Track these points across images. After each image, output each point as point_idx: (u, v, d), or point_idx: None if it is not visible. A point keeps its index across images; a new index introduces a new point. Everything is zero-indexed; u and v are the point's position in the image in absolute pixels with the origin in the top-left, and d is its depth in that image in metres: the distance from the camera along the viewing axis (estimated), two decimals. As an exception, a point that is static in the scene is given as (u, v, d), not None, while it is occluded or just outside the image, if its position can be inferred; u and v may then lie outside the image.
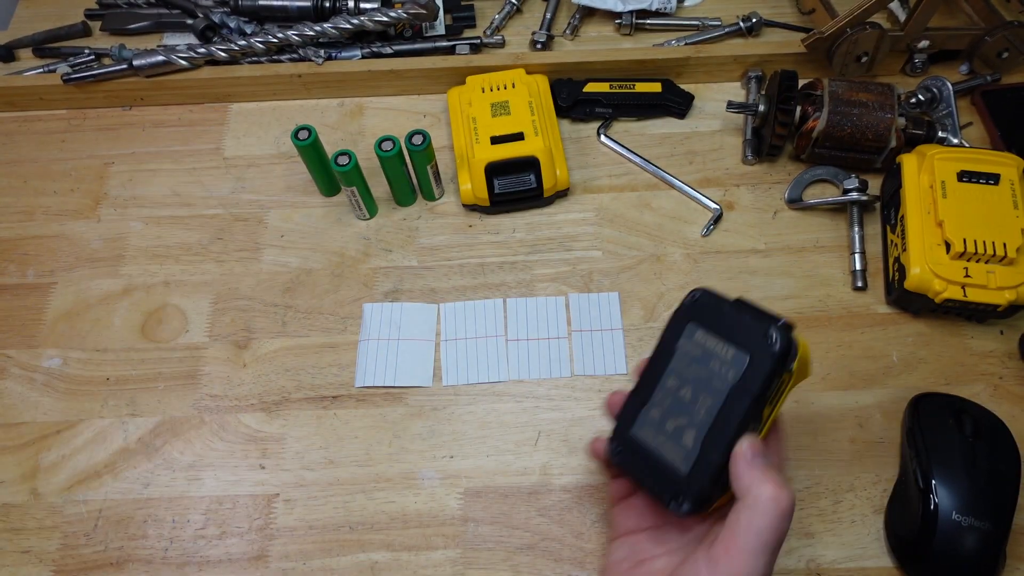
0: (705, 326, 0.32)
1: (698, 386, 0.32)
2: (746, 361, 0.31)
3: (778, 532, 0.29)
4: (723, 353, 0.31)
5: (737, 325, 0.31)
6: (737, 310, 0.32)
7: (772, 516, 0.29)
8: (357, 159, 0.49)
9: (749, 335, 0.31)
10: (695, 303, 0.33)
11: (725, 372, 0.31)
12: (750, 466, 0.30)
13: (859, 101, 0.51)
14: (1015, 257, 0.45)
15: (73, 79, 0.57)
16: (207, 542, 0.43)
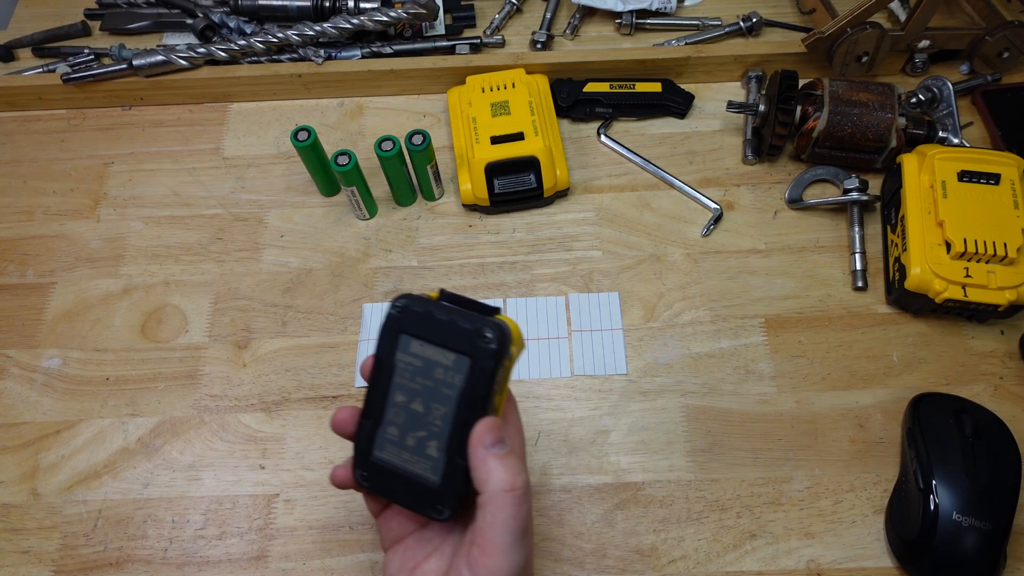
0: (419, 336, 0.32)
1: (428, 397, 0.31)
2: (468, 365, 0.31)
3: (521, 519, 0.29)
4: (444, 360, 0.31)
5: (451, 329, 0.31)
6: (447, 312, 0.31)
7: (511, 506, 0.29)
8: (357, 159, 0.49)
9: (465, 337, 0.31)
10: (403, 312, 0.32)
11: (451, 378, 0.31)
12: (485, 457, 0.30)
13: (859, 101, 0.51)
14: (1015, 257, 0.45)
15: (73, 79, 0.57)
16: (207, 542, 0.43)
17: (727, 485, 0.44)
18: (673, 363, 0.48)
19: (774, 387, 0.47)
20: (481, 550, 0.29)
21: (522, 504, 0.30)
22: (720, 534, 0.43)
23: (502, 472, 0.30)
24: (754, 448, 0.45)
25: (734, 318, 0.49)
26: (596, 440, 0.46)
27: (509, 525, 0.29)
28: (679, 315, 0.50)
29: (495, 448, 0.30)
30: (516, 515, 0.29)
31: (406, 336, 0.32)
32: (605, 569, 0.42)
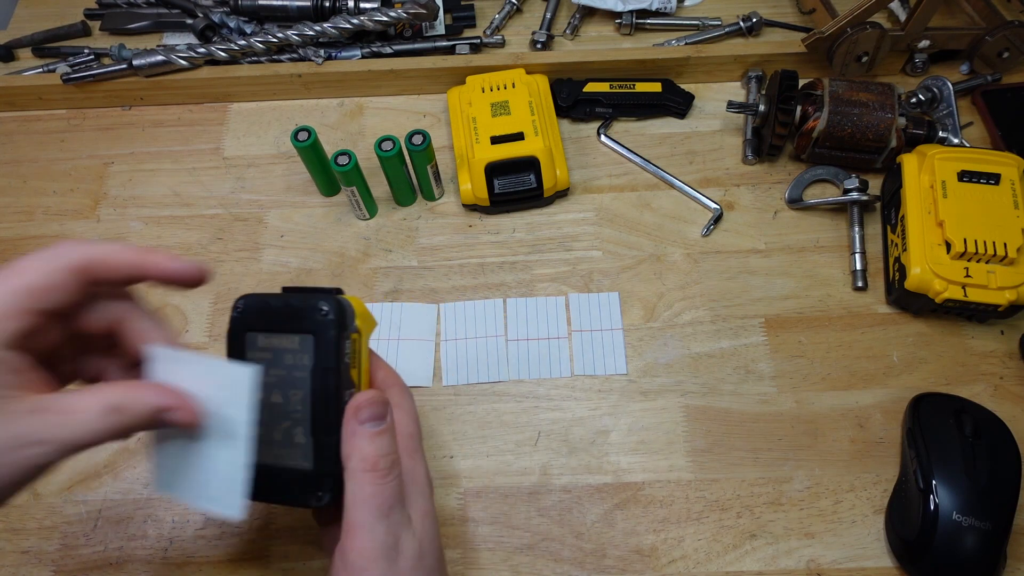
0: (264, 329, 0.32)
1: (284, 386, 0.31)
2: (311, 341, 0.31)
3: (384, 497, 0.29)
4: (290, 344, 0.31)
5: (290, 314, 0.31)
6: (284, 301, 0.31)
7: (370, 484, 0.28)
8: (357, 159, 0.49)
9: (304, 317, 0.31)
10: (244, 313, 0.32)
11: (300, 360, 0.31)
12: (353, 431, 0.29)
13: (859, 101, 0.51)
14: (1015, 257, 0.45)
15: (73, 79, 0.57)
16: (207, 542, 0.43)
17: (727, 485, 0.44)
18: (673, 363, 0.48)
19: (774, 387, 0.47)
20: (348, 534, 0.28)
21: (385, 482, 0.29)
22: (720, 534, 0.43)
23: (367, 448, 0.29)
24: (754, 448, 0.45)
25: (734, 318, 0.49)
26: (596, 440, 0.46)
27: (370, 503, 0.28)
28: (679, 315, 0.50)
29: (369, 424, 0.30)
30: (377, 493, 0.28)
31: (251, 333, 0.32)
32: (605, 569, 0.42)
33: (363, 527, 0.28)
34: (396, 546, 0.29)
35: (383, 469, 0.29)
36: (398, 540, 0.29)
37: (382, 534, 0.28)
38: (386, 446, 0.29)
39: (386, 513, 0.29)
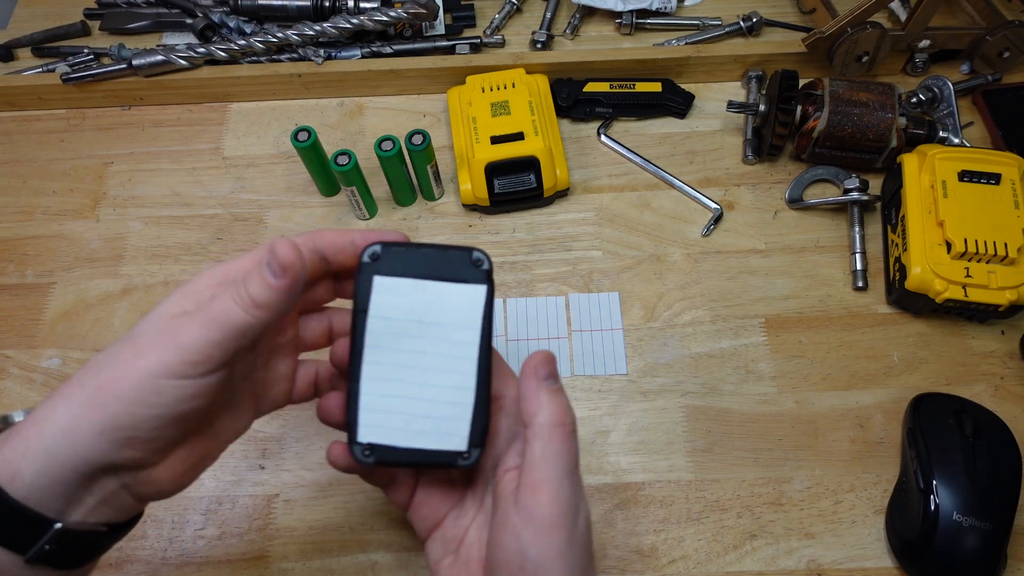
0: (402, 275, 0.30)
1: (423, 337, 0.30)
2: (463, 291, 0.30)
3: (571, 455, 0.29)
4: (433, 294, 0.30)
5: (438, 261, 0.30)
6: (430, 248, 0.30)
7: (560, 440, 0.28)
8: (357, 159, 0.49)
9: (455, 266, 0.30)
10: (378, 258, 0.30)
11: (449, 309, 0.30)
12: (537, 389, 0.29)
13: (860, 101, 0.51)
14: (1016, 257, 0.45)
15: (72, 79, 0.57)
16: (207, 542, 0.43)
17: (727, 485, 0.44)
18: (673, 363, 0.48)
19: (774, 387, 0.47)
20: (530, 488, 0.28)
21: (571, 441, 0.29)
22: (720, 534, 0.43)
23: (554, 406, 0.29)
24: (754, 448, 0.45)
25: (734, 318, 0.49)
26: (596, 440, 0.46)
27: (560, 460, 0.28)
28: (679, 315, 0.50)
29: (548, 382, 0.29)
30: (566, 451, 0.28)
31: (382, 278, 0.30)
32: (605, 569, 0.42)
33: (551, 484, 0.28)
34: (577, 508, 0.28)
35: (569, 425, 0.29)
36: (578, 503, 0.29)
37: (568, 493, 0.28)
38: (566, 403, 0.29)
39: (571, 473, 0.28)
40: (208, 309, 0.27)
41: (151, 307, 0.28)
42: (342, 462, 0.33)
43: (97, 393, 0.26)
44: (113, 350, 0.27)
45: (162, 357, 0.26)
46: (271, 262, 0.27)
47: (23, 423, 0.27)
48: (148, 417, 0.26)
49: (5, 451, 0.26)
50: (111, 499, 0.28)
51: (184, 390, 0.27)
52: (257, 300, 0.27)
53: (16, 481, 0.26)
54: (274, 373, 0.34)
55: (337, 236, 0.31)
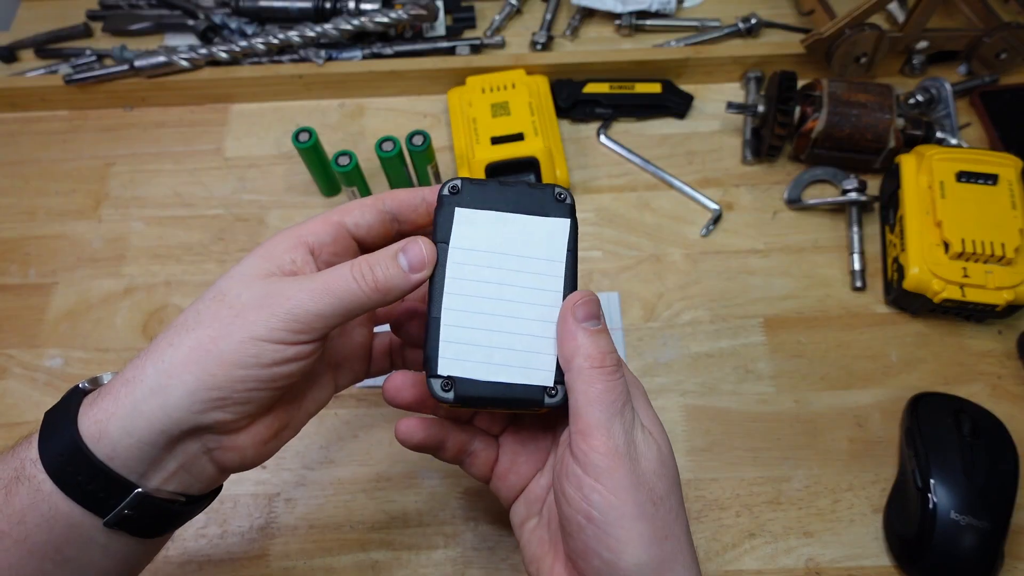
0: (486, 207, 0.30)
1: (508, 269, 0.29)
2: (549, 225, 0.29)
3: (617, 392, 0.28)
4: (518, 227, 0.29)
5: (519, 196, 0.30)
6: (512, 185, 0.30)
7: (601, 380, 0.27)
8: (358, 160, 0.49)
9: (537, 201, 0.30)
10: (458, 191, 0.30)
11: (533, 241, 0.29)
12: (574, 330, 0.28)
13: (858, 102, 0.51)
14: (1013, 257, 0.45)
15: (75, 80, 0.57)
16: (208, 541, 0.43)
17: (726, 484, 0.44)
18: (672, 363, 0.48)
19: (773, 387, 0.47)
20: (581, 435, 0.27)
21: (614, 380, 0.28)
22: (719, 533, 0.43)
23: (591, 346, 0.28)
24: (753, 447, 0.45)
25: (733, 318, 0.50)
26: (596, 439, 0.46)
27: (603, 401, 0.27)
28: (679, 315, 0.50)
29: (587, 322, 0.28)
30: (609, 390, 0.27)
31: (468, 211, 0.30)
32: (605, 568, 0.42)
33: (599, 426, 0.27)
34: (635, 446, 0.28)
35: (612, 365, 0.28)
36: (635, 441, 0.28)
37: (619, 431, 0.27)
38: (608, 343, 0.28)
39: (619, 411, 0.27)
40: (324, 280, 0.27)
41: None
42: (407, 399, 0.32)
43: (191, 352, 0.26)
44: (205, 310, 0.27)
45: (267, 321, 0.26)
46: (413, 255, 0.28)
47: (113, 382, 0.27)
48: (244, 378, 0.26)
49: (95, 410, 0.26)
50: (192, 465, 0.28)
51: (283, 353, 0.27)
52: (382, 284, 0.28)
53: (103, 440, 0.26)
54: (351, 344, 0.34)
55: (408, 195, 0.31)
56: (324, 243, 0.30)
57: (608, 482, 0.27)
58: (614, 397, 0.27)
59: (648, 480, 0.27)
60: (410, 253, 0.28)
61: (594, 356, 0.28)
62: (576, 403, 0.28)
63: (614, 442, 0.27)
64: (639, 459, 0.27)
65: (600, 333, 0.28)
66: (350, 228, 0.30)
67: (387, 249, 0.29)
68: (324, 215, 0.30)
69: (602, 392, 0.27)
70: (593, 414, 0.27)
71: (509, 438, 0.34)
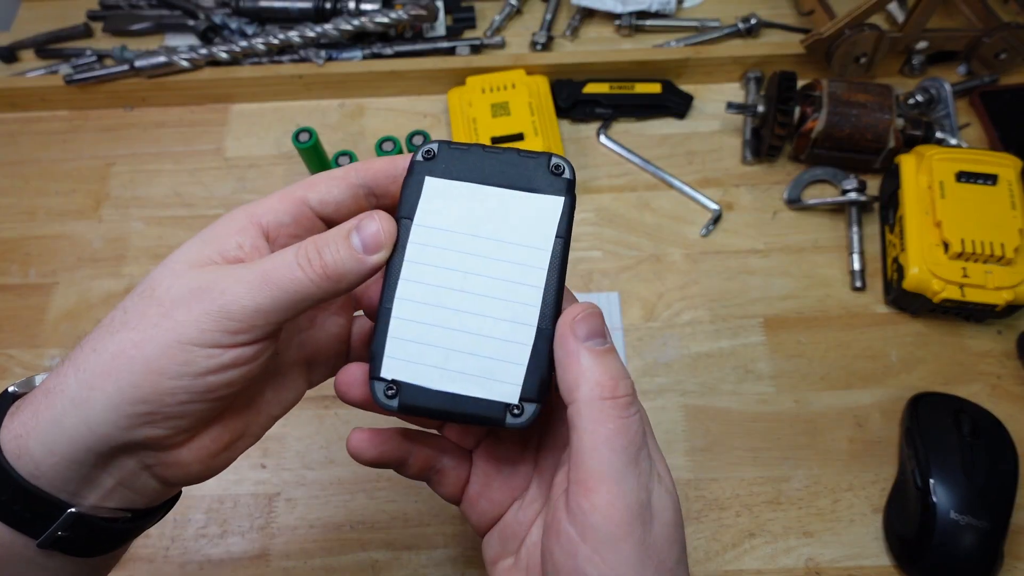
0: (459, 178, 0.25)
1: (480, 254, 0.24)
2: (535, 203, 0.24)
3: (632, 433, 0.22)
4: (499, 202, 0.24)
5: (506, 166, 0.25)
6: (498, 151, 0.25)
7: (614, 418, 0.22)
8: (358, 160, 0.49)
9: (526, 172, 0.24)
10: (433, 157, 0.25)
11: (515, 223, 0.24)
12: (577, 352, 0.22)
13: (858, 102, 0.51)
14: (1013, 257, 0.45)
15: (75, 80, 0.57)
16: (208, 541, 0.43)
17: (726, 484, 0.44)
18: (672, 363, 0.48)
19: (773, 387, 0.47)
20: (581, 487, 0.21)
21: (628, 417, 0.22)
22: (719, 533, 0.43)
23: (598, 371, 0.22)
24: (753, 447, 0.45)
25: (733, 318, 0.50)
26: (596, 439, 0.46)
27: (614, 445, 0.21)
28: (678, 315, 0.50)
29: (591, 341, 0.23)
30: (623, 430, 0.22)
31: (441, 181, 0.25)
32: (605, 567, 0.42)
33: (608, 477, 0.21)
34: (649, 505, 0.22)
35: (626, 396, 0.22)
36: (651, 496, 0.22)
37: (634, 487, 0.21)
38: (619, 367, 0.23)
39: (635, 457, 0.21)
40: (263, 269, 0.23)
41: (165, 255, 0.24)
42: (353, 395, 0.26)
43: (113, 360, 0.22)
44: (132, 308, 0.23)
45: (196, 320, 0.22)
46: (367, 234, 0.23)
47: (34, 393, 0.24)
48: (173, 390, 0.22)
49: (15, 424, 0.23)
50: (131, 481, 0.24)
51: (219, 359, 0.22)
52: (332, 270, 0.23)
53: (23, 458, 0.22)
54: (324, 335, 0.29)
55: (384, 164, 0.26)
56: (282, 223, 0.25)
57: (610, 555, 0.21)
58: (629, 439, 0.22)
59: (659, 549, 0.22)
60: (364, 231, 0.23)
61: (604, 384, 0.22)
62: (580, 445, 0.22)
63: (624, 501, 0.21)
64: (653, 523, 0.22)
65: (608, 354, 0.23)
66: (314, 205, 0.25)
67: (338, 228, 0.24)
68: (284, 190, 0.26)
69: (614, 433, 0.22)
70: (601, 461, 0.21)
71: (483, 456, 0.29)
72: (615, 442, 0.21)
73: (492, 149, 0.25)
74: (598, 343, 0.23)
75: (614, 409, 0.22)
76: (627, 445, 0.22)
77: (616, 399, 0.22)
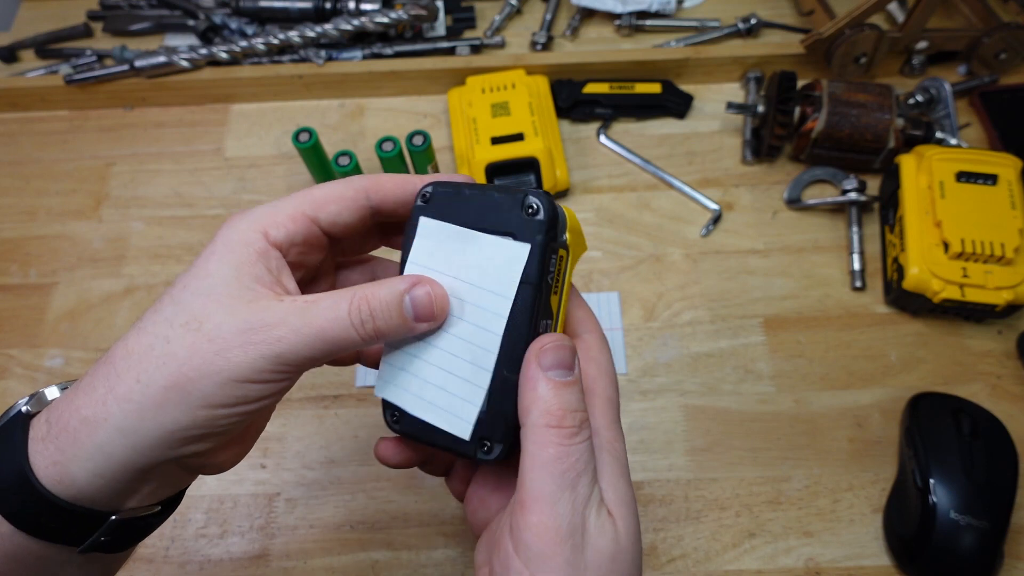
0: (448, 220, 0.26)
1: (460, 292, 0.25)
2: (506, 247, 0.25)
3: (569, 463, 0.23)
4: (481, 248, 0.25)
5: (484, 206, 0.25)
6: (481, 190, 0.26)
7: (554, 444, 0.23)
8: (358, 160, 0.49)
9: (502, 212, 0.25)
10: (429, 200, 0.26)
11: (487, 268, 0.25)
12: (535, 379, 0.24)
13: (858, 102, 0.51)
14: (1013, 257, 0.45)
15: (75, 80, 0.57)
16: (208, 541, 0.43)
17: (726, 484, 0.44)
18: (672, 363, 0.48)
19: (773, 387, 0.47)
20: (519, 504, 0.23)
21: (571, 446, 0.23)
22: (719, 533, 0.43)
23: (551, 399, 0.23)
24: (753, 447, 0.45)
25: (733, 318, 0.50)
26: (596, 439, 0.46)
27: (552, 468, 0.23)
28: (678, 315, 0.50)
29: (554, 372, 0.24)
30: (562, 456, 0.23)
31: (432, 222, 0.26)
32: (605, 567, 0.42)
33: (542, 499, 0.22)
34: (583, 529, 0.23)
35: (571, 427, 0.23)
36: (585, 522, 0.23)
37: (567, 510, 0.22)
38: (574, 400, 0.24)
39: (572, 483, 0.23)
40: (319, 325, 0.24)
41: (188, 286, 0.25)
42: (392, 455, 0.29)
43: (166, 393, 0.23)
44: (176, 338, 0.23)
45: (252, 363, 0.23)
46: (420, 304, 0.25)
47: (65, 415, 0.24)
48: (226, 416, 0.24)
49: (50, 448, 0.24)
50: (167, 481, 0.26)
51: (268, 390, 0.24)
52: (383, 333, 0.24)
53: (65, 482, 0.23)
54: None
55: (395, 187, 0.27)
56: (293, 242, 0.26)
57: (540, 571, 0.22)
58: (567, 465, 0.23)
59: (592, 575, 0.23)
60: (418, 301, 0.25)
61: (552, 412, 0.23)
62: (523, 467, 0.23)
63: (555, 521, 0.22)
64: (585, 547, 0.23)
65: (567, 387, 0.24)
66: (324, 227, 0.27)
67: (391, 289, 0.25)
68: (292, 204, 0.26)
69: (554, 458, 0.23)
70: (538, 483, 0.23)
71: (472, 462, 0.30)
72: (554, 467, 0.23)
73: (475, 188, 0.26)
74: (560, 374, 0.24)
75: (557, 436, 0.23)
76: (566, 471, 0.23)
77: (561, 428, 0.23)
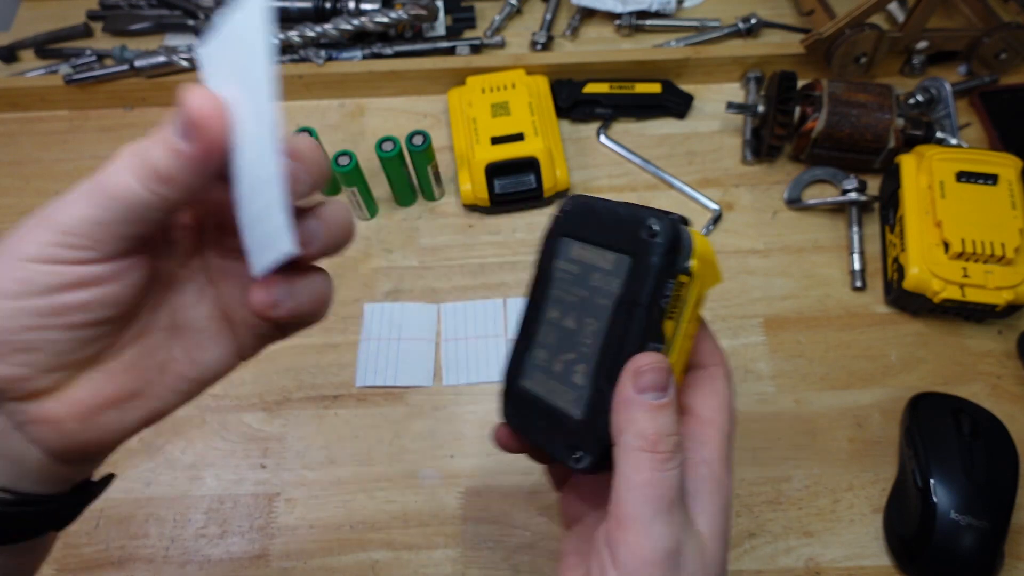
0: (578, 236, 0.26)
1: (582, 310, 0.26)
2: (627, 265, 0.24)
3: (663, 488, 0.23)
4: (602, 263, 0.25)
5: (612, 225, 0.25)
6: (611, 208, 0.26)
7: (647, 469, 0.23)
8: (358, 160, 0.49)
9: (627, 233, 0.25)
10: (567, 213, 0.27)
11: (607, 285, 0.25)
12: (629, 400, 0.23)
13: (858, 102, 0.51)
14: (1013, 257, 0.45)
15: (75, 80, 0.57)
16: (208, 541, 0.43)
17: (726, 484, 0.44)
18: (672, 363, 0.48)
19: (773, 387, 0.47)
20: (616, 521, 0.23)
21: (664, 469, 0.23)
22: (719, 533, 0.43)
23: (645, 422, 0.23)
24: (753, 447, 0.45)
25: (733, 318, 0.50)
26: (596, 439, 0.46)
27: (646, 493, 0.23)
28: (678, 315, 0.50)
29: (649, 395, 0.23)
30: (654, 482, 0.23)
31: (567, 239, 0.27)
32: (605, 568, 0.42)
33: (638, 520, 0.23)
34: (678, 554, 0.23)
35: (665, 452, 0.23)
36: (680, 547, 0.23)
37: (663, 535, 0.23)
38: (669, 424, 0.23)
39: (667, 508, 0.23)
40: (96, 181, 0.21)
41: None
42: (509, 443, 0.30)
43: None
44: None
45: (34, 237, 0.21)
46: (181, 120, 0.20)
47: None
48: (13, 312, 0.21)
49: None
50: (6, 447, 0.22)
51: (60, 277, 0.21)
52: (161, 172, 0.21)
53: None
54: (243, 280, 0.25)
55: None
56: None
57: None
58: (661, 491, 0.23)
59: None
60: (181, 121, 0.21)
61: (647, 436, 0.23)
62: (616, 484, 0.23)
63: (651, 543, 0.22)
64: (679, 572, 0.23)
65: (662, 410, 0.23)
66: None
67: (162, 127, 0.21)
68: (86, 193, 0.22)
69: (647, 482, 0.23)
70: (632, 504, 0.23)
71: None
72: (647, 491, 0.23)
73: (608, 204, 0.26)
74: (655, 396, 0.24)
75: (650, 461, 0.23)
76: (660, 496, 0.23)
77: (655, 453, 0.23)
